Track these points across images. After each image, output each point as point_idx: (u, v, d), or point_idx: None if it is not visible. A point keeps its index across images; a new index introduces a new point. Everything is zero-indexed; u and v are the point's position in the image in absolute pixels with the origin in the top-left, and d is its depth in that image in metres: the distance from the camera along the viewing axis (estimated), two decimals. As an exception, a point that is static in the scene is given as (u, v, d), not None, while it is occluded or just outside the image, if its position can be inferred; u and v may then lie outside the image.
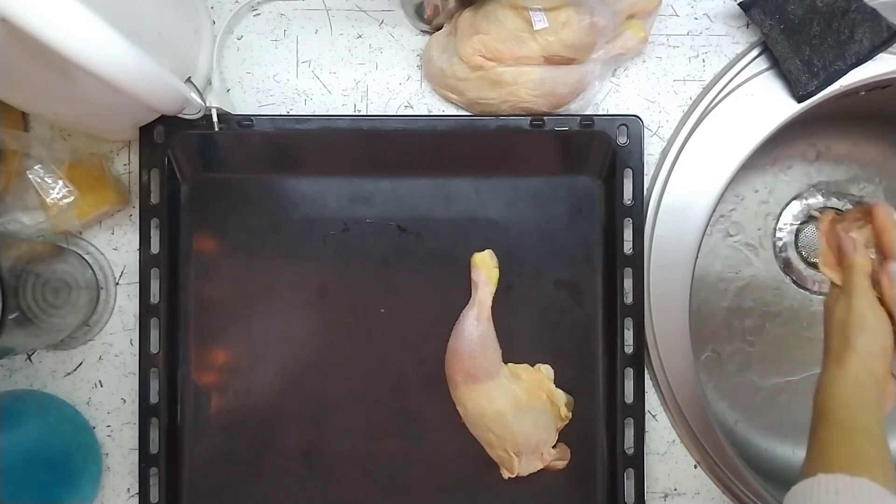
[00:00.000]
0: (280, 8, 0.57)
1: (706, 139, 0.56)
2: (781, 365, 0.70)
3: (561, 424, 0.55)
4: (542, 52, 0.52)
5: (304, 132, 0.54)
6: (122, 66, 0.36)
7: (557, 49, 0.52)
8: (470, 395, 0.54)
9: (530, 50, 0.52)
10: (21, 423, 0.50)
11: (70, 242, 0.56)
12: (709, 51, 0.58)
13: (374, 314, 0.56)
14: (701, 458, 0.56)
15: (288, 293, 0.56)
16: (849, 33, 0.54)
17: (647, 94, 0.57)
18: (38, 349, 0.56)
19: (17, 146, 0.52)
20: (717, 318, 0.70)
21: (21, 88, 0.43)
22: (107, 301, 0.56)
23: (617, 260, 0.55)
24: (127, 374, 0.56)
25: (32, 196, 0.52)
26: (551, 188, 0.57)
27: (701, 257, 0.57)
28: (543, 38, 0.52)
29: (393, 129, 0.55)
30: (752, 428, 0.70)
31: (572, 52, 0.52)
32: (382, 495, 0.55)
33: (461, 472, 0.56)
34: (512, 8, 0.52)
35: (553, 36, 0.51)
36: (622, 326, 0.55)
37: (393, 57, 0.57)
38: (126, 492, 0.56)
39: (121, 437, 0.56)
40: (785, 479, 0.67)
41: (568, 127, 0.55)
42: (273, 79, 0.57)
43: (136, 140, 0.54)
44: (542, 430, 0.54)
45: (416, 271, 0.56)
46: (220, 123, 0.52)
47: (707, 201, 0.56)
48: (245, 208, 0.56)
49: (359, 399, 0.56)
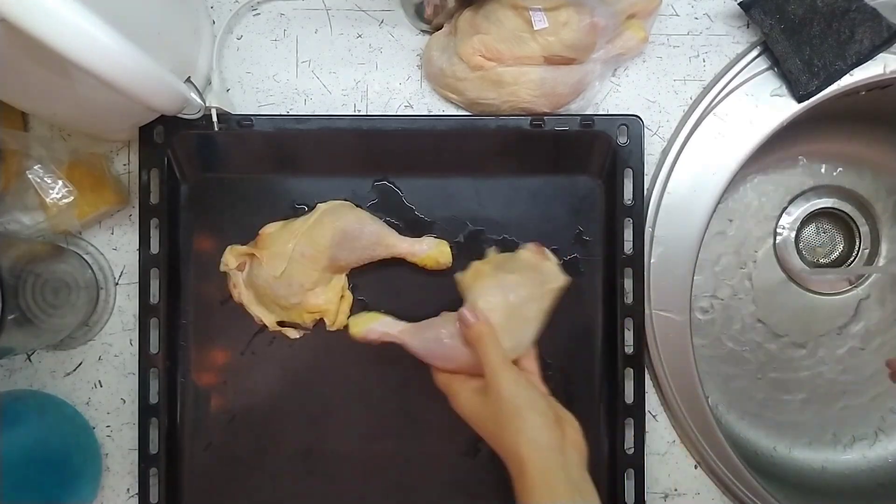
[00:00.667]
0: (280, 8, 0.57)
1: (706, 139, 0.56)
2: (782, 365, 0.70)
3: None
4: (542, 52, 0.52)
5: (304, 132, 0.54)
6: (121, 66, 0.36)
7: (558, 49, 0.52)
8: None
9: (530, 50, 0.52)
10: (21, 423, 0.50)
11: (70, 242, 0.56)
12: (709, 50, 0.58)
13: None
14: (701, 458, 0.56)
15: (288, 293, 0.56)
16: (849, 33, 0.54)
17: (648, 94, 0.57)
18: (38, 349, 0.56)
19: (17, 146, 0.52)
20: (718, 319, 0.70)
21: (21, 88, 0.43)
22: (106, 301, 0.56)
23: (617, 260, 0.55)
24: (126, 375, 0.56)
25: (32, 196, 0.52)
26: (551, 188, 0.57)
27: (701, 257, 0.57)
28: (544, 38, 0.52)
29: (393, 129, 0.55)
30: (752, 428, 0.70)
31: (572, 52, 0.52)
32: (382, 495, 0.55)
33: (461, 472, 0.56)
34: (512, 8, 0.51)
35: (553, 36, 0.51)
36: (622, 326, 0.55)
37: (393, 57, 0.57)
38: (126, 492, 0.56)
39: (120, 438, 0.56)
40: (785, 479, 0.67)
41: (568, 127, 0.55)
42: (273, 78, 0.57)
43: (136, 140, 0.54)
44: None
45: (415, 271, 0.56)
46: (219, 123, 0.52)
47: (707, 201, 0.56)
48: (245, 208, 0.56)
49: (359, 399, 0.56)
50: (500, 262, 0.52)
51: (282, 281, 0.52)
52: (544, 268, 0.52)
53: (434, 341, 0.51)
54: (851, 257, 0.71)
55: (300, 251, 0.52)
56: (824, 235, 0.72)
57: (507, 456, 0.42)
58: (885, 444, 0.69)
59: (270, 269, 0.52)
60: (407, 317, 0.55)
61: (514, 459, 0.41)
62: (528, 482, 0.40)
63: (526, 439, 0.41)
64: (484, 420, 0.45)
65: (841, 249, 0.72)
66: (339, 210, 0.54)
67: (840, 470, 0.69)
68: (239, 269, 0.54)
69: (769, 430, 0.70)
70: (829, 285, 0.71)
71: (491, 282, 0.51)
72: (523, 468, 0.40)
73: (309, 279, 0.53)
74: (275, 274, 0.52)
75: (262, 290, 0.53)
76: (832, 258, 0.72)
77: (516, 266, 0.52)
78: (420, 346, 0.51)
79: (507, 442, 0.42)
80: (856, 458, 0.69)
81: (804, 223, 0.71)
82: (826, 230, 0.72)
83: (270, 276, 0.52)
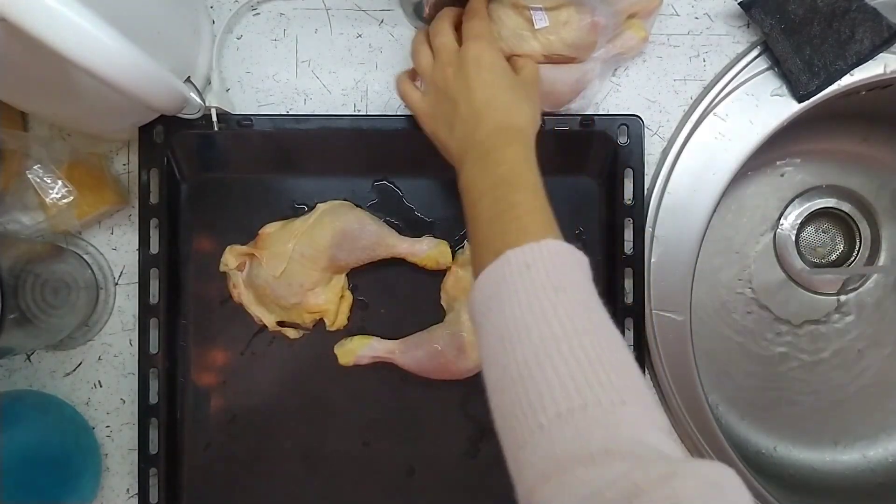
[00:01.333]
0: (280, 7, 0.57)
1: (706, 139, 0.56)
2: (782, 365, 0.70)
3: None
4: (542, 50, 0.52)
5: (304, 132, 0.54)
6: (121, 66, 0.36)
7: (558, 48, 0.52)
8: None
9: (531, 48, 0.52)
10: (20, 423, 0.50)
11: (69, 242, 0.56)
12: (709, 50, 0.58)
13: (374, 313, 0.56)
14: (701, 458, 0.56)
15: (288, 293, 0.56)
16: (849, 33, 0.54)
17: (648, 94, 0.57)
18: (38, 349, 0.56)
19: (17, 146, 0.52)
20: (718, 319, 0.70)
21: (21, 88, 0.43)
22: (106, 301, 0.56)
23: (617, 260, 0.55)
24: (126, 375, 0.56)
25: (32, 196, 0.52)
26: (551, 188, 0.56)
27: (701, 257, 0.57)
28: (544, 36, 0.51)
29: (393, 128, 0.55)
30: (752, 428, 0.70)
31: (573, 51, 0.52)
32: (382, 495, 0.55)
33: (461, 472, 0.56)
34: (513, 7, 0.51)
35: (554, 35, 0.51)
36: (623, 327, 0.54)
37: (393, 56, 0.57)
38: (126, 492, 0.56)
39: (120, 438, 0.56)
40: (785, 479, 0.67)
41: (568, 127, 0.55)
42: (273, 78, 0.57)
43: (136, 140, 0.54)
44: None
45: (414, 271, 0.56)
46: (219, 123, 0.52)
47: (707, 201, 0.56)
48: (245, 208, 0.56)
49: (359, 399, 0.56)
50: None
51: (281, 281, 0.52)
52: None
53: (425, 358, 0.53)
54: (851, 257, 0.71)
55: (300, 251, 0.52)
56: (824, 235, 0.72)
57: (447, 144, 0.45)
58: (885, 444, 0.69)
59: (270, 269, 0.52)
60: (406, 317, 0.56)
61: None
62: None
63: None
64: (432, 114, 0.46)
65: (841, 249, 0.72)
66: (338, 210, 0.54)
67: (840, 470, 0.69)
68: (239, 269, 0.54)
69: (769, 430, 0.70)
70: (829, 285, 0.71)
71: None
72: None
73: (309, 279, 0.53)
74: (274, 274, 0.52)
75: (262, 290, 0.53)
76: (832, 258, 0.72)
77: None
78: (411, 363, 0.53)
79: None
80: (856, 458, 0.69)
81: (804, 223, 0.71)
82: (826, 230, 0.72)
83: (270, 276, 0.52)
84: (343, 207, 0.55)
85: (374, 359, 0.54)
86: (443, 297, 0.55)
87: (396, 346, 0.54)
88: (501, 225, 0.38)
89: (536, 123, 0.45)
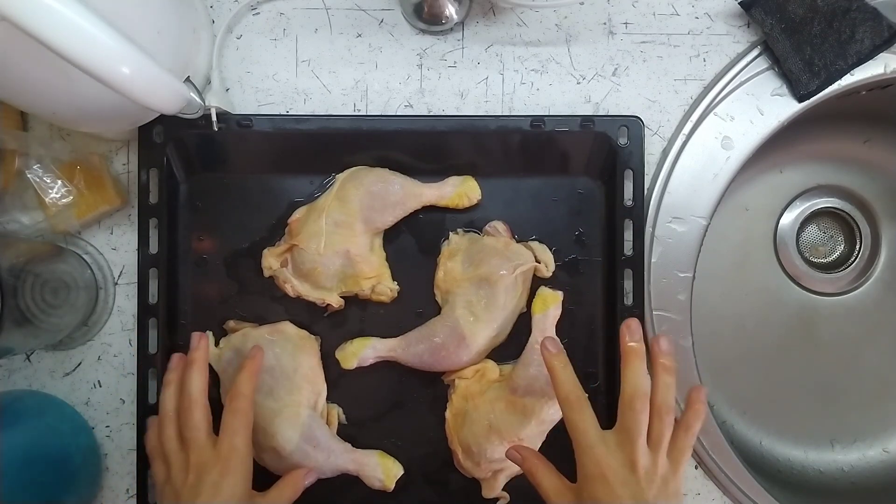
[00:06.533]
0: (279, 7, 0.57)
1: (707, 139, 0.56)
2: (782, 365, 0.70)
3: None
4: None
5: (304, 132, 0.54)
6: (120, 66, 0.36)
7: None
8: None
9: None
10: (20, 423, 0.50)
11: (69, 242, 0.56)
12: (709, 50, 0.57)
13: (374, 313, 0.56)
14: (701, 458, 0.56)
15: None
16: (850, 33, 0.54)
17: (648, 94, 0.57)
18: (37, 349, 0.56)
19: (16, 146, 0.52)
20: (718, 319, 0.70)
21: (20, 88, 0.43)
22: (105, 301, 0.56)
23: (617, 261, 0.55)
24: (126, 375, 0.56)
25: (31, 196, 0.52)
26: (551, 188, 0.57)
27: (701, 257, 0.57)
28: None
29: (393, 129, 0.55)
30: (753, 428, 0.70)
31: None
32: (383, 495, 0.55)
33: (461, 472, 0.56)
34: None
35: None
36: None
37: (393, 56, 0.57)
38: (125, 492, 0.56)
39: (120, 438, 0.56)
40: (785, 479, 0.67)
41: (568, 127, 0.55)
42: (272, 78, 0.57)
43: (135, 140, 0.54)
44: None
45: (415, 268, 0.56)
46: (219, 123, 0.52)
47: (707, 201, 0.56)
48: (245, 208, 0.56)
49: (359, 399, 0.56)
50: (468, 255, 0.54)
51: (327, 253, 0.52)
52: (511, 251, 0.53)
53: (426, 352, 0.53)
54: (852, 257, 0.71)
55: (333, 220, 0.53)
56: (824, 235, 0.72)
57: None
58: (885, 444, 0.69)
59: (313, 247, 0.52)
60: (414, 303, 0.56)
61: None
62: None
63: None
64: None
65: (841, 249, 0.72)
66: (358, 174, 0.55)
67: (840, 470, 0.69)
68: (283, 266, 0.54)
69: (769, 430, 0.70)
70: (829, 285, 0.71)
71: (465, 284, 0.53)
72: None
73: (353, 245, 0.53)
74: (319, 250, 0.52)
75: (313, 271, 0.53)
76: (832, 258, 0.72)
77: (484, 254, 0.53)
78: (413, 359, 0.54)
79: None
80: (856, 458, 0.69)
81: (804, 223, 0.71)
82: (826, 230, 0.72)
83: (315, 254, 0.52)
84: (362, 171, 0.55)
85: (376, 359, 0.54)
86: (436, 292, 0.56)
87: (397, 343, 0.54)
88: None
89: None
